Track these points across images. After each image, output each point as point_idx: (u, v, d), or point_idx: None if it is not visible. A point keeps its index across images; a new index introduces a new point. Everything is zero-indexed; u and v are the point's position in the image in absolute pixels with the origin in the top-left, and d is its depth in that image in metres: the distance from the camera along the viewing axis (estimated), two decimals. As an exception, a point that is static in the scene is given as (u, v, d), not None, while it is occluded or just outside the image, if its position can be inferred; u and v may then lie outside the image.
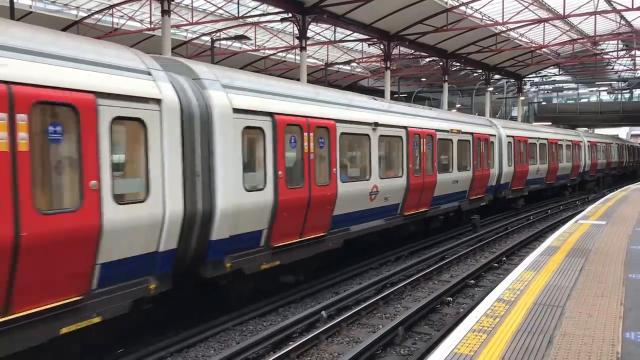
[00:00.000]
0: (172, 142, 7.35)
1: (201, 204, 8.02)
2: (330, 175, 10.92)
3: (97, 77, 6.43)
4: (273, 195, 9.32)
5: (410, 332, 8.98)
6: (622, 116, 59.07)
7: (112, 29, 28.46)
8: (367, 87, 51.74)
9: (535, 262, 9.31)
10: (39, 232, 5.67)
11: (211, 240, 8.28)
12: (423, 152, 14.86)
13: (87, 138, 6.18)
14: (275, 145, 9.35)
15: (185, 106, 7.76)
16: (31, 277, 5.73)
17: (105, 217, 6.35)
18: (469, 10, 31.08)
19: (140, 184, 7.03)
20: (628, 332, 5.87)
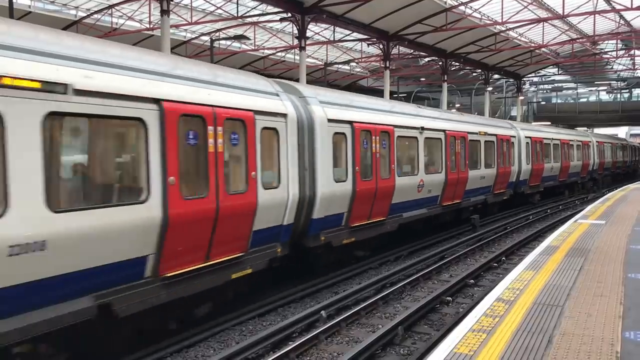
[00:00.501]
0: (292, 145, 10.04)
1: (308, 190, 10.67)
2: (390, 170, 13.40)
3: (253, 100, 9.16)
4: (352, 186, 11.88)
5: (409, 332, 8.98)
6: (621, 116, 59.08)
7: (111, 28, 28.43)
8: (366, 86, 51.74)
9: (534, 262, 9.32)
10: (228, 206, 8.35)
11: (312, 219, 10.92)
12: (457, 152, 17.19)
13: (250, 143, 8.88)
14: (354, 146, 11.89)
15: (299, 118, 10.37)
16: (221, 237, 8.29)
17: (259, 198, 9.07)
18: (468, 10, 31.09)
19: (275, 175, 9.64)
20: (627, 332, 5.88)
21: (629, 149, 52.62)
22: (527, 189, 24.46)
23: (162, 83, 7.40)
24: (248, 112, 8.83)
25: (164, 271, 7.42)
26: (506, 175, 21.69)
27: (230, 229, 8.44)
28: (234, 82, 9.04)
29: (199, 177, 7.95)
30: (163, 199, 7.19)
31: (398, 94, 45.36)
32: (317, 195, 10.78)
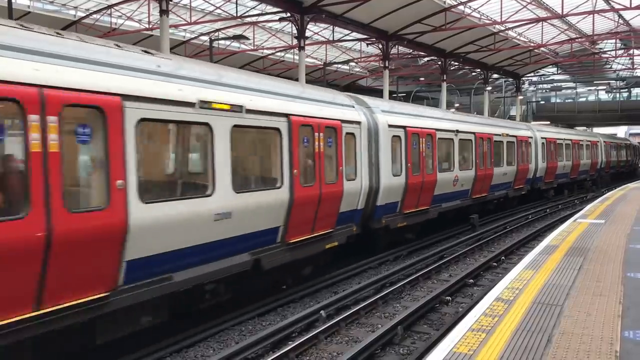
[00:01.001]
0: (364, 146, 12.55)
1: (374, 182, 13.13)
2: (433, 167, 15.89)
3: (341, 112, 11.82)
4: (405, 179, 14.35)
5: (409, 332, 8.99)
6: (621, 115, 59.06)
7: (110, 28, 28.41)
8: (366, 86, 51.72)
9: (534, 261, 9.32)
10: (326, 192, 10.86)
11: (377, 205, 13.47)
12: (485, 151, 19.62)
13: (339, 145, 11.40)
14: (406, 147, 14.34)
15: (368, 124, 12.95)
16: (321, 216, 10.91)
17: (344, 187, 11.53)
18: (467, 9, 31.09)
19: (353, 170, 12.11)
20: (627, 331, 5.88)
21: (632, 148, 54.99)
22: (542, 185, 27.14)
23: (291, 103, 10.18)
24: (337, 122, 11.48)
25: (289, 239, 10.08)
26: (525, 172, 24.28)
27: (327, 210, 11.12)
28: (327, 98, 11.89)
29: (310, 170, 10.58)
30: (290, 185, 9.83)
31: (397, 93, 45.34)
32: (380, 186, 13.42)
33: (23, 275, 5.81)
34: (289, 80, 13.60)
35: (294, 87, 11.28)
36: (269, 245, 9.62)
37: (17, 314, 5.78)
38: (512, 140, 22.66)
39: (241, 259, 8.91)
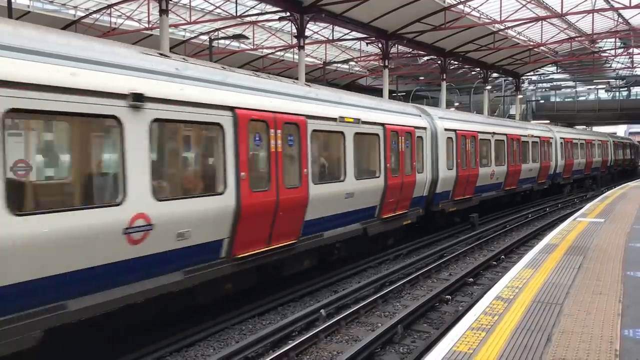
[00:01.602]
0: (428, 146, 15.89)
1: (434, 174, 16.36)
2: (476, 162, 19.32)
3: (414, 120, 15.32)
4: (456, 172, 17.58)
5: (409, 331, 8.99)
6: (620, 114, 59.08)
7: (110, 28, 28.40)
8: (365, 85, 51.73)
9: (533, 260, 9.33)
10: (406, 182, 14.17)
11: (436, 193, 16.64)
12: (514, 150, 22.95)
13: (413, 145, 14.57)
14: (457, 146, 17.63)
15: (431, 129, 16.26)
16: (401, 198, 14.03)
17: (417, 178, 14.87)
18: (467, 8, 31.09)
19: (421, 165, 15.35)
20: (626, 330, 5.89)
21: (634, 147, 56.34)
22: (561, 180, 29.56)
23: (386, 115, 13.75)
24: (412, 128, 14.91)
25: (382, 215, 13.38)
26: (547, 168, 27.54)
27: (405, 194, 14.43)
28: (404, 110, 15.54)
29: (396, 165, 13.79)
30: (385, 176, 13.25)
31: (397, 92, 45.32)
32: (439, 178, 16.64)
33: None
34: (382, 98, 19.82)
35: (389, 104, 15.87)
36: (371, 219, 13.08)
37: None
38: (536, 141, 26.04)
39: (356, 227, 12.42)
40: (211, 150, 8.62)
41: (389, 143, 13.35)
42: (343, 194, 11.54)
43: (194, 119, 7.81)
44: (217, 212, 8.15)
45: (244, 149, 8.61)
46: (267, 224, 9.29)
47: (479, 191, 19.93)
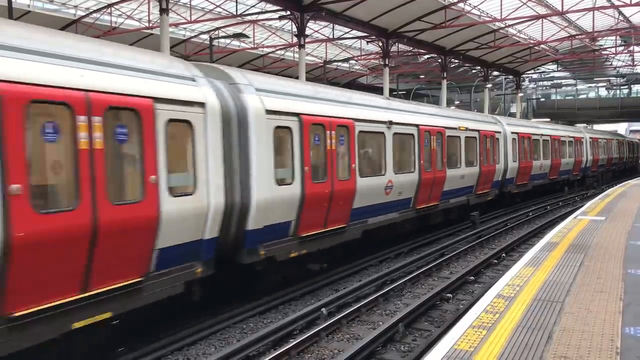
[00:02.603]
0: (502, 144, 21.01)
1: (505, 165, 21.41)
2: (531, 157, 24.57)
3: (493, 126, 20.61)
4: (518, 164, 23.02)
5: (410, 329, 9.00)
6: (621, 112, 58.99)
7: (110, 27, 28.40)
8: (366, 84, 51.69)
9: (534, 258, 9.33)
10: (491, 169, 20.18)
11: (506, 178, 21.52)
12: (556, 149, 28.09)
13: (495, 144, 20.22)
14: (518, 144, 22.64)
15: (503, 133, 21.19)
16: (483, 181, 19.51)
17: (496, 167, 20.69)
18: (467, 7, 31.04)
19: (498, 158, 20.65)
20: (627, 327, 5.90)
21: (627, 145, 55.34)
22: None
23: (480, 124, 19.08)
24: (493, 132, 20.32)
25: (477, 192, 18.73)
26: (579, 163, 32.96)
27: (489, 178, 19.36)
28: (488, 119, 20.54)
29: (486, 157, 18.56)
30: (479, 164, 18.36)
31: (397, 91, 45.30)
32: (508, 168, 21.95)
33: (434, 188, 15.75)
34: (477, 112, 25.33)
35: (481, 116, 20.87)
36: (471, 194, 18.31)
37: (431, 203, 15.95)
38: (571, 140, 30.73)
39: (464, 198, 17.39)
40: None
41: (482, 143, 19.29)
42: (459, 176, 17.45)
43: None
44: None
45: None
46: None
47: (532, 179, 25.55)
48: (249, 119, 8.98)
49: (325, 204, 10.91)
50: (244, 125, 8.95)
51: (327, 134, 10.89)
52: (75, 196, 6.11)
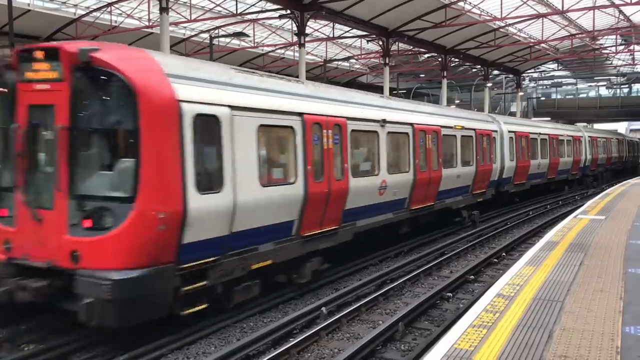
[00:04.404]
0: (499, 144, 20.91)
1: (502, 164, 21.23)
2: (528, 156, 24.55)
3: (489, 125, 20.58)
4: (515, 163, 22.72)
5: (410, 328, 9.00)
6: (621, 111, 58.98)
7: (110, 26, 28.38)
8: (366, 83, 51.66)
9: (534, 257, 9.33)
10: (484, 169, 19.40)
11: (503, 177, 21.60)
12: (554, 148, 28.33)
13: (491, 143, 20.06)
14: (515, 143, 22.86)
15: (499, 132, 21.14)
16: (479, 180, 19.17)
17: (493, 166, 20.32)
18: (468, 5, 31.02)
19: (495, 157, 20.50)
20: (627, 327, 5.89)
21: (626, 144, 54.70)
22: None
23: (476, 123, 19.35)
24: (490, 131, 20.20)
25: (473, 191, 18.87)
26: (578, 162, 33.03)
27: (485, 177, 19.56)
28: (485, 118, 21.50)
29: (483, 157, 19.10)
30: (476, 163, 18.40)
31: (398, 90, 45.28)
32: (504, 167, 21.63)
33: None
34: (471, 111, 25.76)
35: (476, 115, 22.22)
36: (466, 194, 18.35)
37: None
38: (570, 139, 31.00)
39: (460, 198, 18.08)
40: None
41: (478, 142, 18.92)
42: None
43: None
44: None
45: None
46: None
47: (530, 178, 25.28)
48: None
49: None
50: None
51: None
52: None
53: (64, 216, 7.54)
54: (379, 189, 12.87)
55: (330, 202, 11.04)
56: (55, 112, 7.65)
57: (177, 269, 7.83)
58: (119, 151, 7.75)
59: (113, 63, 7.48)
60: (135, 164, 7.42)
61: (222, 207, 8.35)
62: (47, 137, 7.96)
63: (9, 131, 7.99)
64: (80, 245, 7.38)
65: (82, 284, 7.24)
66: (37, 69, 7.87)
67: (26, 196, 7.84)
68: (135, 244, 7.39)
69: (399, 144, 14.14)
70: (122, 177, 7.54)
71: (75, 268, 7.36)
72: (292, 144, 10.15)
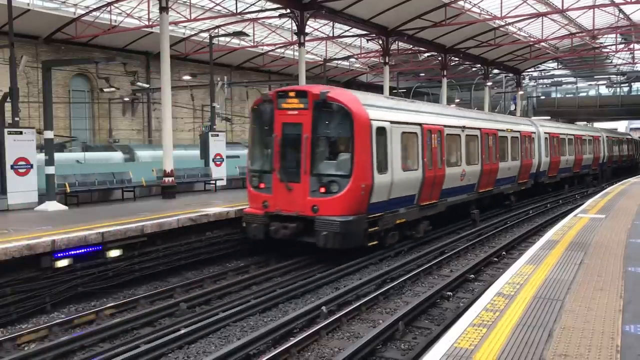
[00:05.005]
0: (536, 143, 26.23)
1: (539, 159, 26.48)
2: (559, 153, 29.01)
3: (530, 127, 26.22)
4: (549, 159, 27.80)
5: (410, 327, 9.01)
6: (621, 110, 58.92)
7: (110, 26, 28.35)
8: (366, 82, 51.61)
9: (534, 256, 9.33)
10: (527, 164, 24.89)
11: (540, 171, 26.99)
12: (579, 146, 32.99)
13: (530, 142, 25.17)
14: (549, 142, 27.81)
15: (538, 133, 26.53)
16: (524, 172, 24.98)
17: (533, 162, 25.69)
18: (467, 4, 30.99)
19: (533, 154, 25.83)
20: (627, 325, 5.90)
21: (633, 143, 56.40)
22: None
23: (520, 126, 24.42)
24: (530, 132, 25.02)
25: (518, 181, 24.15)
26: (598, 159, 37.79)
27: (526, 170, 24.43)
28: (525, 122, 26.41)
29: (526, 153, 23.93)
30: (521, 158, 23.69)
31: (398, 89, 45.24)
32: (541, 162, 26.59)
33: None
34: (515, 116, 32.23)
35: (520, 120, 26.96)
36: (512, 184, 23.08)
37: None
38: (591, 138, 35.95)
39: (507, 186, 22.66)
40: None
41: (523, 142, 23.85)
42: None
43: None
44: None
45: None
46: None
47: (560, 172, 29.89)
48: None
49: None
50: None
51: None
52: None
53: (307, 186, 13.10)
54: (460, 176, 18.11)
55: (435, 184, 16.30)
56: (302, 127, 13.12)
57: (367, 218, 13.34)
58: (341, 149, 13.34)
59: (339, 99, 13.04)
60: (351, 156, 12.92)
61: (387, 182, 13.84)
62: (295, 142, 13.27)
63: (270, 139, 13.64)
64: (318, 202, 12.92)
65: (320, 224, 12.63)
66: (290, 102, 13.44)
67: (281, 176, 13.40)
68: (350, 202, 12.87)
69: (472, 143, 19.22)
70: (343, 164, 13.05)
71: (315, 216, 12.84)
72: (416, 144, 15.36)
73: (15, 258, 9.79)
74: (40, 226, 12.13)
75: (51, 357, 7.92)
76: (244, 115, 40.19)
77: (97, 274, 11.20)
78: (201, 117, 37.64)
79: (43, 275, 10.27)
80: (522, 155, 24.08)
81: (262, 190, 13.78)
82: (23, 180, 15.56)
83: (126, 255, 11.88)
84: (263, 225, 13.42)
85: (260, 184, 13.84)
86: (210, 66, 25.27)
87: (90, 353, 8.10)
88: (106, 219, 13.21)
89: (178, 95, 34.68)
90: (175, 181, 19.16)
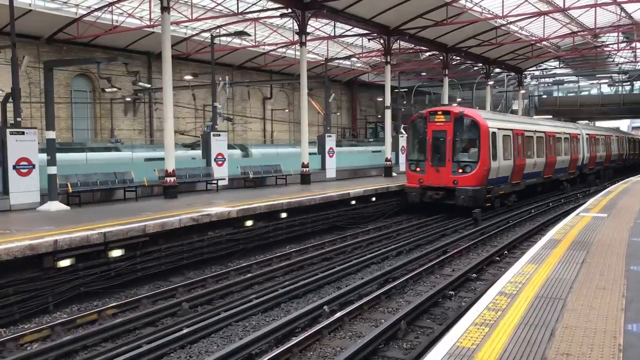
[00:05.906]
0: (582, 142, 33.92)
1: (583, 155, 34.06)
2: (596, 150, 36.90)
3: (575, 130, 33.57)
4: (590, 154, 35.35)
5: (412, 326, 9.01)
6: (623, 108, 58.80)
7: (111, 26, 28.37)
8: (368, 82, 51.56)
9: (536, 255, 9.32)
10: (575, 158, 32.60)
11: (583, 164, 34.22)
12: (608, 144, 40.05)
13: (577, 142, 33.12)
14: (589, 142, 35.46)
15: (581, 135, 33.84)
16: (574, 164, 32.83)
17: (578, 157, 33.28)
18: (469, 3, 30.93)
19: (577, 151, 32.63)
20: (630, 324, 5.89)
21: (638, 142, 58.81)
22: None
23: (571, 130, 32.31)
24: (577, 134, 32.60)
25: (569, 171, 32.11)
26: (622, 155, 45.04)
27: (575, 162, 32.09)
28: (574, 126, 34.50)
29: (574, 150, 31.65)
30: (571, 154, 31.40)
31: (399, 89, 45.22)
32: (584, 157, 33.77)
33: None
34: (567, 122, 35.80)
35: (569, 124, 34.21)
36: (564, 173, 29.90)
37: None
38: (616, 138, 43.70)
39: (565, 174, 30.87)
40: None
41: (572, 141, 30.86)
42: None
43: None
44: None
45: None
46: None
47: (597, 165, 37.15)
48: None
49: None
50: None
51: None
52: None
53: (450, 169, 20.74)
54: (533, 165, 25.17)
55: (520, 169, 23.43)
56: (446, 133, 20.94)
57: (486, 188, 20.79)
58: (471, 146, 20.83)
59: (471, 115, 21.04)
60: (478, 150, 20.54)
61: (496, 167, 21.09)
62: (441, 141, 21.00)
63: (424, 140, 21.39)
64: (458, 178, 20.52)
65: (460, 191, 20.22)
66: (438, 117, 21.22)
67: (431, 162, 21.16)
68: (478, 178, 20.42)
69: (540, 142, 26.15)
70: (473, 154, 20.68)
71: (455, 187, 20.47)
72: (510, 143, 22.42)
73: (18, 258, 9.81)
74: (42, 226, 12.15)
75: (54, 357, 7.94)
76: (245, 115, 40.19)
77: (100, 273, 11.23)
78: (202, 117, 37.67)
79: (45, 275, 10.29)
80: (572, 151, 31.38)
81: (418, 172, 21.57)
82: (25, 180, 15.59)
83: (128, 255, 11.91)
84: (419, 194, 21.20)
85: (417, 168, 21.58)
86: (211, 66, 25.28)
87: (92, 353, 8.12)
88: (108, 219, 13.23)
89: (180, 95, 34.70)
90: (177, 181, 19.18)
